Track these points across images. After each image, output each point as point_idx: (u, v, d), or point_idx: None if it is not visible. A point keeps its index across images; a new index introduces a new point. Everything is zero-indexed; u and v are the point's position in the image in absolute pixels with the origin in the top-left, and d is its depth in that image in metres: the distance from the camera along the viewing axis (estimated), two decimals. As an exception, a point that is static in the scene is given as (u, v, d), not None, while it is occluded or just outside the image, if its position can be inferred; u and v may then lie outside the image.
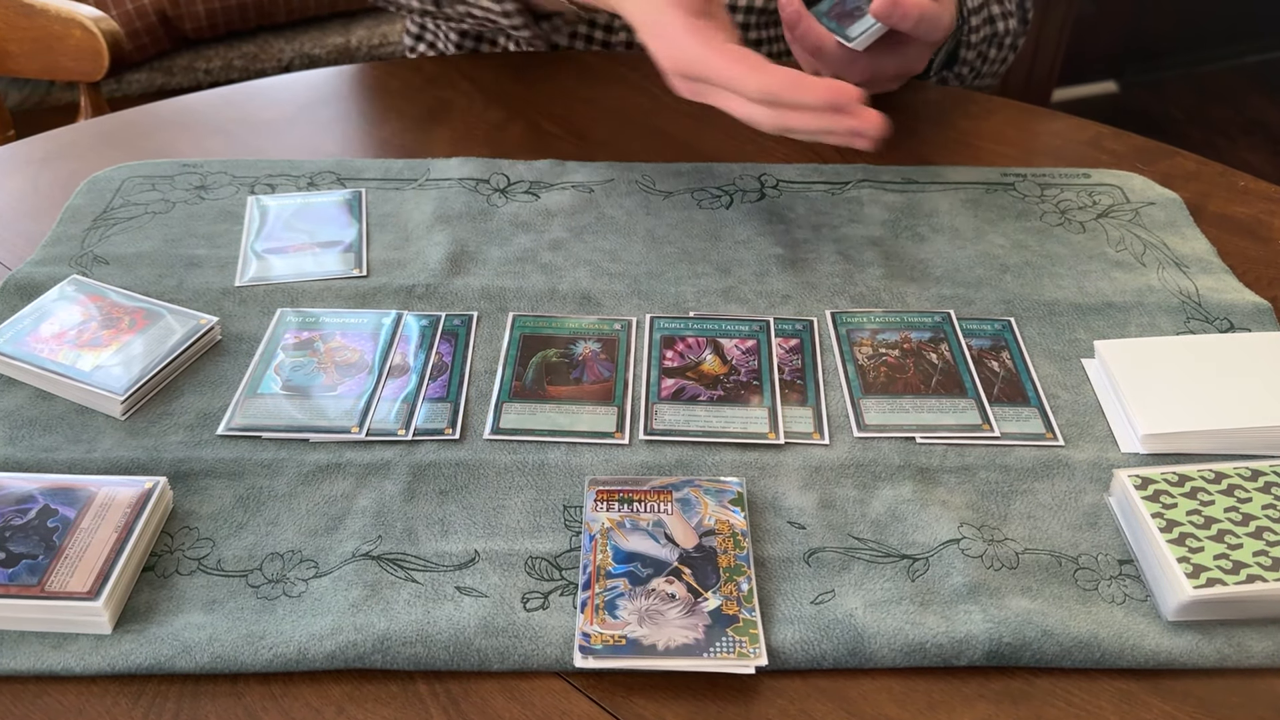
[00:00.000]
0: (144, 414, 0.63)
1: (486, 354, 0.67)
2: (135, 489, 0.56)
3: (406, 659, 0.50)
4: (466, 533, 0.56)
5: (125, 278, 0.73)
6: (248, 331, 0.69)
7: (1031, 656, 0.51)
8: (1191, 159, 0.89)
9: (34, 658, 0.50)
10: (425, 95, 0.96)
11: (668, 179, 0.84)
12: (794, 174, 0.85)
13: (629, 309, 0.71)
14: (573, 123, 0.93)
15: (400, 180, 0.83)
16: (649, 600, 0.52)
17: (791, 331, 0.69)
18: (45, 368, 0.64)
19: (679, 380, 0.66)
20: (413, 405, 0.63)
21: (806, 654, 0.51)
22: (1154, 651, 0.51)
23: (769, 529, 0.57)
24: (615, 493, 0.57)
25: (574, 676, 0.51)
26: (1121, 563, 0.56)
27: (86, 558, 0.52)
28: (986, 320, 0.70)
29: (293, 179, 0.83)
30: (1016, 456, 0.61)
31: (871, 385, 0.65)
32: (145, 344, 0.66)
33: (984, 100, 0.98)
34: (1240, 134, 2.47)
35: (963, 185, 0.84)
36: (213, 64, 1.80)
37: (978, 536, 0.56)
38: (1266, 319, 0.71)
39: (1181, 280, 0.74)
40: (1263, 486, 0.56)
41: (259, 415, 0.62)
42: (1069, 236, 0.79)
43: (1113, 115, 2.47)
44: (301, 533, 0.56)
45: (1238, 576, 0.52)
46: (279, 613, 0.52)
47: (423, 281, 0.73)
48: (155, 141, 0.89)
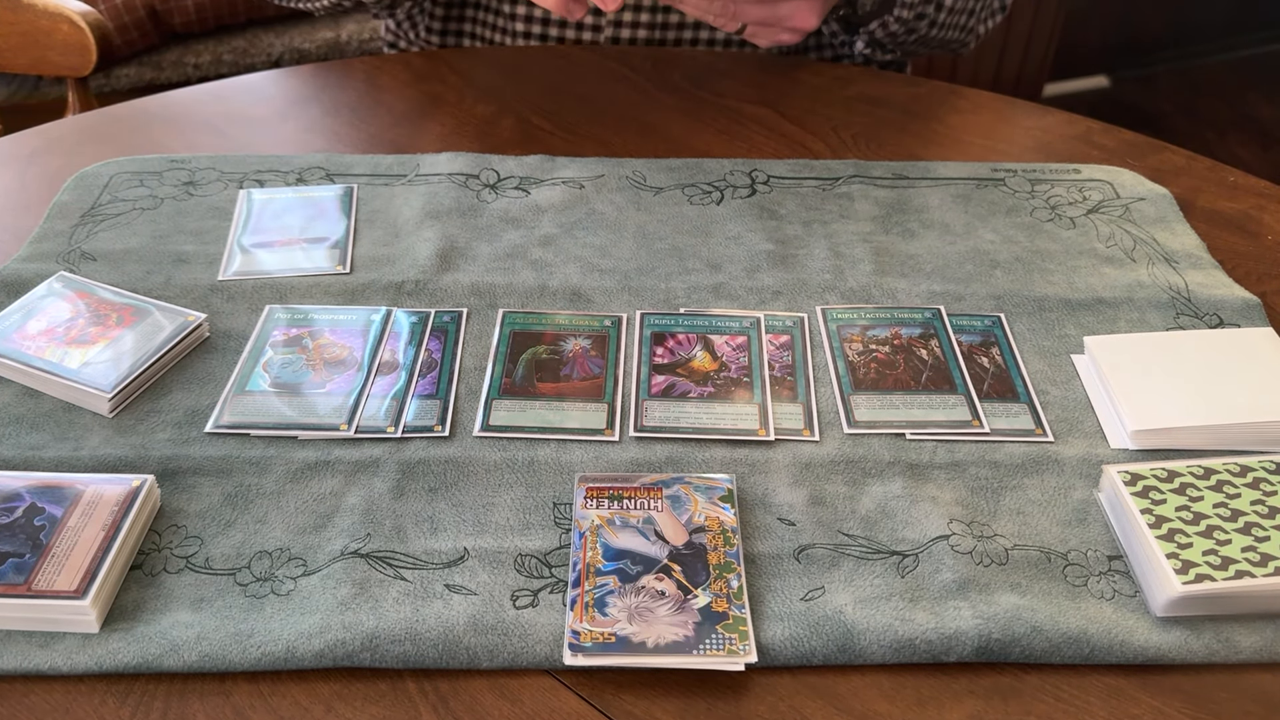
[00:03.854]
0: (131, 411, 0.63)
1: (476, 351, 0.67)
2: (123, 487, 0.55)
3: (395, 657, 0.50)
4: (456, 530, 0.56)
5: (113, 274, 0.72)
6: (236, 328, 0.69)
7: (1021, 652, 0.51)
8: (1181, 154, 0.89)
9: (20, 657, 0.50)
10: (415, 90, 0.96)
11: (658, 175, 0.84)
12: (784, 170, 0.85)
13: (619, 305, 0.71)
14: (563, 118, 0.92)
15: (389, 176, 0.83)
16: (639, 597, 0.52)
17: (782, 328, 0.69)
18: (32, 365, 0.63)
19: (669, 377, 0.65)
20: (402, 402, 0.63)
21: (796, 650, 0.51)
22: (1143, 647, 0.51)
23: (759, 526, 0.57)
24: (605, 490, 0.57)
25: (564, 674, 0.51)
26: (1111, 559, 0.56)
27: (74, 556, 0.52)
28: (976, 316, 0.70)
29: (282, 174, 0.83)
30: (1006, 452, 0.61)
31: (862, 381, 0.65)
32: (133, 341, 0.65)
33: (974, 95, 0.98)
34: (1230, 129, 2.48)
35: (953, 181, 0.84)
36: (202, 59, 1.80)
37: (967, 532, 0.56)
38: (1256, 314, 0.71)
39: (1171, 276, 0.74)
40: (1251, 482, 0.56)
41: (247, 413, 0.62)
42: (1059, 232, 0.79)
43: (1103, 110, 2.48)
44: (290, 531, 0.56)
45: (1226, 572, 0.52)
46: (267, 611, 0.52)
47: (412, 277, 0.72)
48: (143, 137, 0.89)
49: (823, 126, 0.92)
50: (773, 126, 0.92)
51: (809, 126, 0.92)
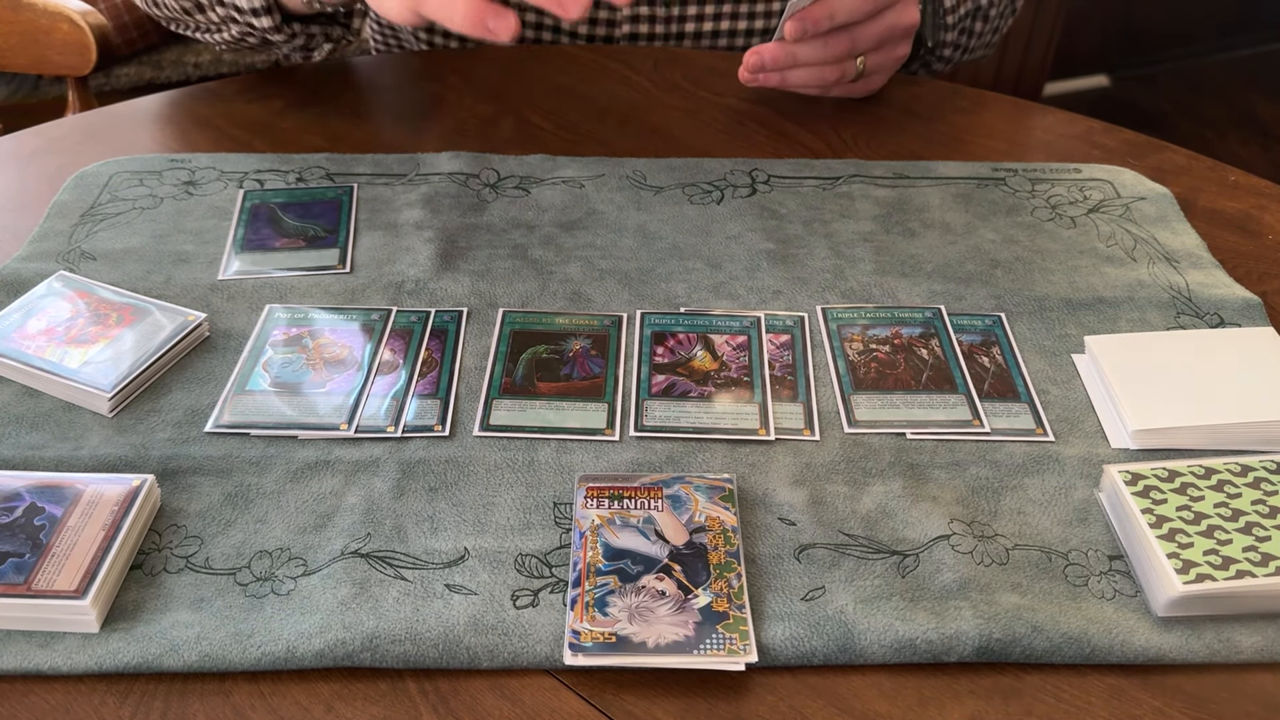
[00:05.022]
0: (132, 411, 0.63)
1: (476, 350, 0.67)
2: (123, 486, 0.55)
3: (395, 657, 0.50)
4: (456, 530, 0.56)
5: (113, 274, 0.72)
6: (236, 328, 0.68)
7: (1021, 652, 0.51)
8: (1182, 154, 0.89)
9: (20, 657, 0.50)
10: (415, 90, 0.96)
11: (659, 174, 0.84)
12: (785, 169, 0.85)
13: (619, 305, 0.71)
14: (563, 117, 0.92)
15: (390, 175, 0.83)
16: (639, 597, 0.52)
17: (782, 327, 0.69)
18: (32, 364, 0.63)
19: (669, 376, 0.65)
20: (402, 402, 0.63)
21: (797, 650, 0.51)
22: (1144, 647, 0.51)
23: (759, 525, 0.57)
24: (605, 489, 0.57)
25: (564, 674, 0.51)
26: (1111, 558, 0.56)
27: (73, 556, 0.52)
28: (977, 316, 0.70)
29: (282, 174, 0.82)
30: (1007, 452, 0.61)
31: (862, 381, 0.65)
32: (133, 340, 0.65)
33: (975, 95, 0.97)
34: (1230, 128, 2.48)
35: (954, 180, 0.84)
36: (202, 58, 1.79)
37: (968, 532, 0.56)
38: (1257, 314, 0.71)
39: (1172, 275, 0.74)
40: (1252, 482, 0.56)
41: (247, 412, 0.62)
42: (1060, 231, 0.79)
43: (1104, 109, 2.47)
44: (290, 530, 0.56)
45: (1227, 572, 0.52)
46: (267, 611, 0.52)
47: (412, 277, 0.72)
48: (143, 136, 0.89)
49: (823, 126, 0.92)
50: (773, 126, 0.92)
51: (809, 126, 0.92)
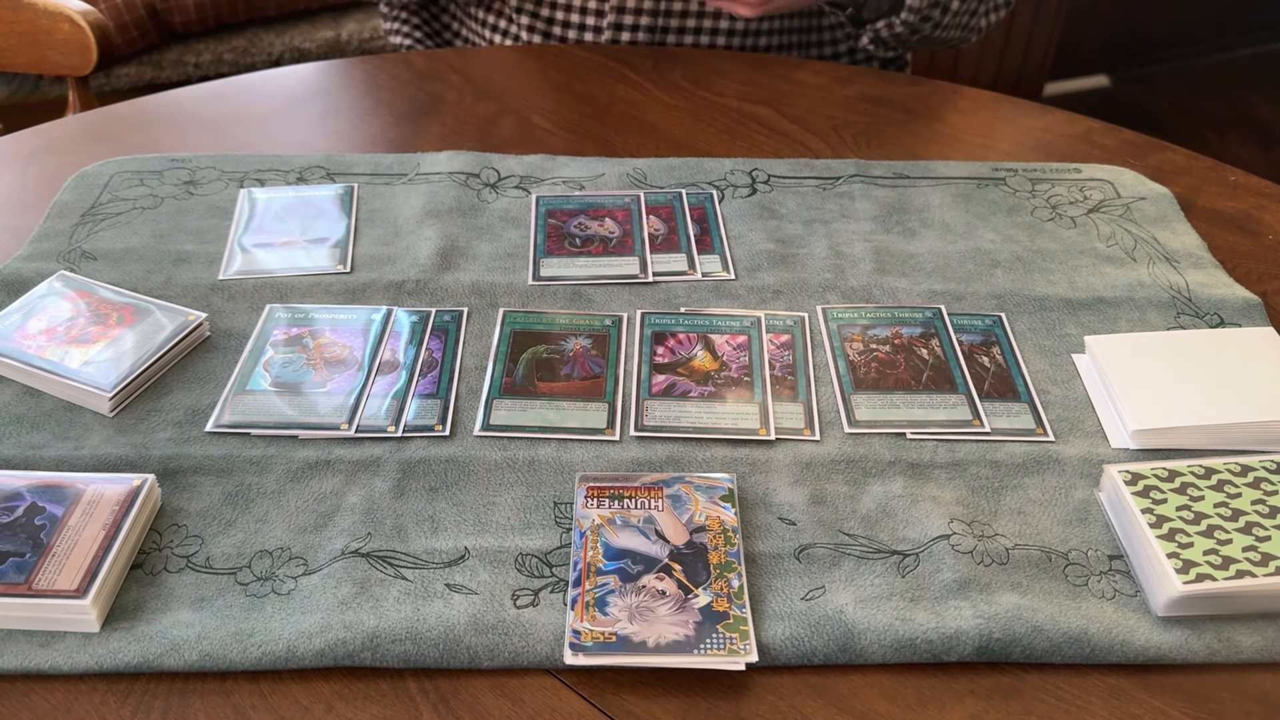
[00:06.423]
0: (132, 411, 0.63)
1: (477, 350, 0.67)
2: (123, 486, 0.55)
3: (396, 657, 0.50)
4: (456, 530, 0.56)
5: (113, 273, 0.72)
6: (236, 328, 0.68)
7: (1021, 652, 0.51)
8: (1182, 154, 0.89)
9: (21, 656, 0.50)
10: (415, 89, 0.96)
11: (659, 174, 0.84)
12: (785, 169, 0.85)
13: (619, 305, 0.71)
14: (563, 117, 0.92)
15: (390, 175, 0.83)
16: (639, 597, 0.52)
17: (782, 327, 0.69)
18: (33, 364, 0.63)
19: (670, 376, 0.65)
20: (402, 402, 0.63)
21: (797, 650, 0.51)
22: (1144, 647, 0.51)
23: (759, 525, 0.57)
24: (606, 489, 0.57)
25: (564, 674, 0.51)
26: (1111, 558, 0.56)
27: (74, 555, 0.52)
28: (977, 316, 0.70)
29: (282, 174, 0.82)
30: (1007, 452, 0.61)
31: (862, 381, 0.65)
32: (133, 340, 0.65)
33: (975, 95, 0.98)
34: (1230, 128, 2.48)
35: (954, 180, 0.84)
36: (202, 58, 1.79)
37: (968, 532, 0.56)
38: (1256, 314, 0.71)
39: (1172, 275, 0.74)
40: (1252, 482, 0.56)
41: (248, 412, 0.62)
42: (1060, 231, 0.79)
43: (1103, 109, 2.47)
44: (290, 530, 0.56)
45: (1227, 572, 0.52)
46: (268, 610, 0.52)
47: (413, 277, 0.72)
48: (144, 136, 0.89)
49: (823, 126, 0.92)
50: (773, 126, 0.92)
51: (809, 126, 0.92)
